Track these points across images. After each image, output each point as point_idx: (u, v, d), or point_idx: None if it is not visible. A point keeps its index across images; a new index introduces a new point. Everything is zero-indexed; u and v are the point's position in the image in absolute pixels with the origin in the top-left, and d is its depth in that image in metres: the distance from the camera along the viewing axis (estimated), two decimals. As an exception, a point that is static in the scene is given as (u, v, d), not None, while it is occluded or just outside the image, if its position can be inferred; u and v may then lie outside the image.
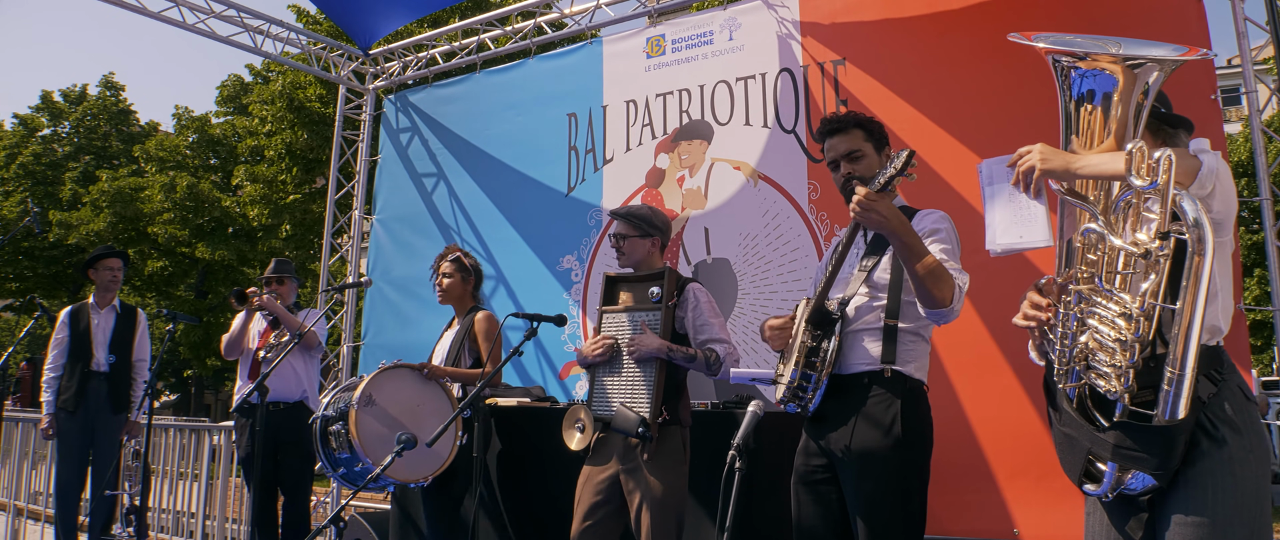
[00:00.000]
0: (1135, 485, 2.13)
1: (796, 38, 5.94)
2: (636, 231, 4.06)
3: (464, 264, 5.00)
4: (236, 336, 5.75)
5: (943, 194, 5.06)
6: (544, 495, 4.92)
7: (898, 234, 2.82)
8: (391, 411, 4.45)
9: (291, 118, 18.87)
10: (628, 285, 4.10)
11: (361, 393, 4.41)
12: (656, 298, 3.90)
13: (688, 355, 3.77)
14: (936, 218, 3.10)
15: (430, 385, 4.65)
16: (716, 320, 3.91)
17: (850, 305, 3.10)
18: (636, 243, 4.06)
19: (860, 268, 3.13)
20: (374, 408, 4.41)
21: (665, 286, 3.90)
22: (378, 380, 4.50)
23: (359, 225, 8.36)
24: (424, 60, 8.17)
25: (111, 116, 29.27)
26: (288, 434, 5.47)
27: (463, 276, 4.98)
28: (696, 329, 3.88)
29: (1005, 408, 4.83)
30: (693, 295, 3.92)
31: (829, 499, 3.07)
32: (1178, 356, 1.96)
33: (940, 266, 2.85)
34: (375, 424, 4.40)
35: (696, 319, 3.88)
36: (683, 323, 3.90)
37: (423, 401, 4.57)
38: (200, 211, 23.85)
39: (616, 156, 6.62)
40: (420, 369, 4.63)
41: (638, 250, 4.06)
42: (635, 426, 3.66)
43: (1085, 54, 2.17)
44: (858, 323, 3.09)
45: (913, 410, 3.00)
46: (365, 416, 4.38)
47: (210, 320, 25.94)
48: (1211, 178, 2.13)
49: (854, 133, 3.22)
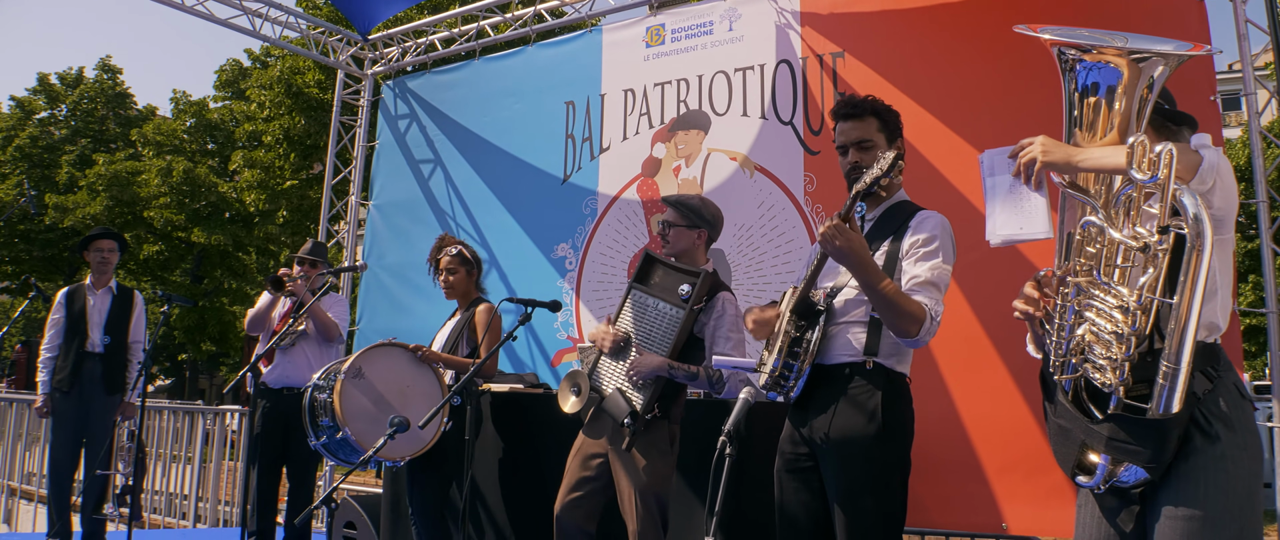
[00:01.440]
0: (1127, 478, 2.13)
1: (796, 29, 5.93)
2: (684, 221, 4.00)
3: (466, 257, 4.97)
4: (263, 313, 5.73)
5: (941, 188, 5.05)
6: (535, 481, 4.92)
7: (857, 269, 2.87)
8: (379, 388, 4.47)
9: (289, 103, 18.85)
10: (665, 271, 4.00)
11: (351, 364, 4.44)
12: (686, 296, 3.80)
13: (689, 374, 3.74)
14: (934, 224, 3.06)
15: (422, 368, 4.66)
16: (736, 336, 3.83)
17: (838, 297, 3.10)
18: (683, 233, 3.99)
19: None
20: (362, 381, 4.43)
21: (697, 289, 3.80)
22: (371, 355, 4.52)
23: (355, 211, 8.34)
24: (423, 46, 8.15)
25: (109, 100, 29.22)
26: (298, 419, 5.47)
27: (467, 270, 4.96)
28: (714, 341, 3.83)
29: (996, 402, 4.84)
30: (721, 305, 3.85)
31: (811, 486, 3.08)
32: (1173, 351, 1.96)
33: (899, 301, 2.87)
34: (361, 397, 4.43)
35: (717, 330, 3.83)
36: (703, 328, 3.85)
37: (412, 383, 4.59)
38: (197, 196, 23.85)
39: (613, 145, 6.61)
40: (414, 350, 4.63)
41: (682, 240, 4.00)
42: (624, 415, 3.70)
43: (1091, 47, 2.16)
44: (845, 316, 3.08)
45: (894, 402, 3.00)
46: (351, 388, 4.41)
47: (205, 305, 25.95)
48: (1212, 173, 2.13)
49: (869, 120, 3.18)
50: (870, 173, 2.89)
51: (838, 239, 2.82)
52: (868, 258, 2.88)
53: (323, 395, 4.45)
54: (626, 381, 3.81)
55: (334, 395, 4.35)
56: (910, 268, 2.98)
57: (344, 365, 4.46)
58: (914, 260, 2.99)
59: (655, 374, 3.73)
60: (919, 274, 2.95)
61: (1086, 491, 2.33)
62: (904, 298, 2.87)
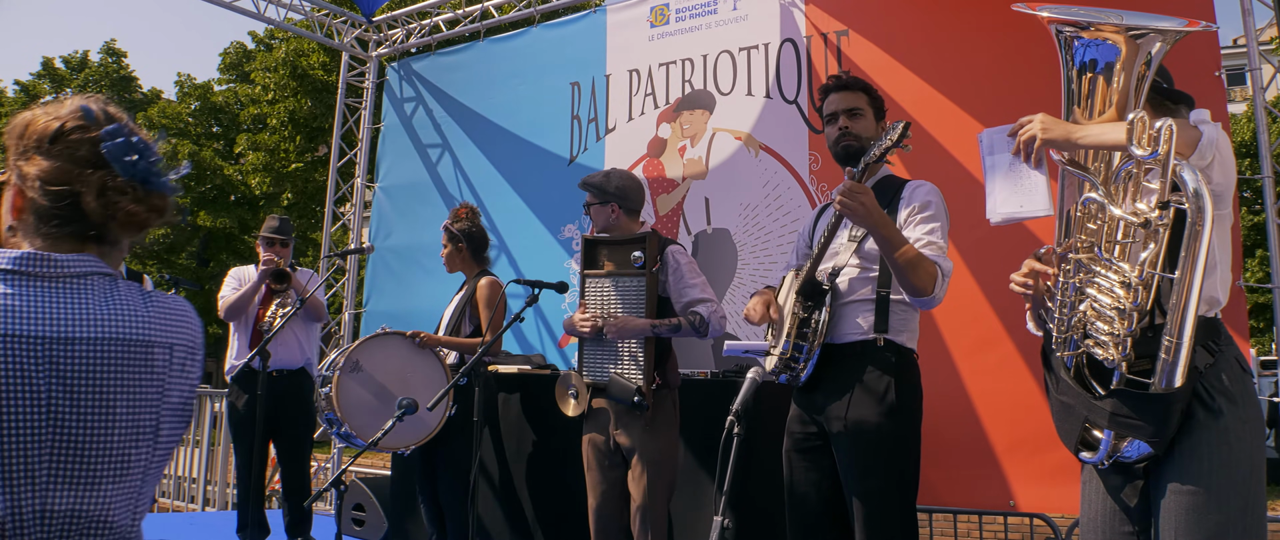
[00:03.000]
0: (1131, 453, 2.15)
1: (800, 7, 5.92)
2: (596, 198, 4.09)
3: (453, 232, 4.98)
4: (244, 302, 5.58)
5: (945, 164, 5.05)
6: (543, 460, 4.96)
7: (877, 228, 2.89)
8: (379, 379, 4.45)
9: (294, 86, 18.85)
10: (609, 249, 4.07)
11: (347, 358, 4.43)
12: (639, 263, 3.88)
13: (673, 326, 3.81)
14: (927, 191, 3.14)
15: (423, 353, 4.64)
16: (697, 280, 3.91)
17: (841, 276, 3.13)
18: (598, 209, 4.09)
19: (850, 237, 3.16)
20: (360, 373, 4.42)
21: (648, 251, 3.87)
22: (366, 347, 4.50)
23: (361, 193, 8.36)
24: (428, 27, 8.14)
25: (113, 84, 29.16)
26: (289, 401, 5.45)
27: (455, 245, 4.98)
28: (678, 292, 3.89)
29: (1004, 380, 4.85)
30: (672, 258, 3.92)
31: (822, 466, 3.11)
32: (1176, 325, 1.98)
33: (918, 257, 2.92)
34: (359, 389, 4.41)
35: (677, 282, 3.89)
36: (665, 287, 3.91)
37: (413, 369, 4.55)
38: (202, 179, 23.86)
39: (619, 125, 6.61)
40: (412, 337, 4.64)
41: (600, 217, 4.09)
42: (631, 395, 3.72)
43: (1088, 23, 2.17)
44: (850, 295, 3.13)
45: (906, 379, 3.06)
46: (348, 382, 4.40)
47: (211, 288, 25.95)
48: (1211, 148, 2.14)
49: (858, 93, 3.28)
50: (881, 143, 2.90)
51: (861, 197, 2.84)
52: (885, 217, 2.91)
53: (324, 390, 4.46)
54: (620, 361, 3.84)
55: (332, 390, 4.36)
56: (912, 232, 3.04)
57: (340, 359, 4.46)
58: (914, 226, 3.06)
59: (641, 335, 3.78)
60: (922, 236, 3.01)
61: (1090, 468, 2.35)
62: (922, 256, 2.93)
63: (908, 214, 3.09)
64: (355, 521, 5.95)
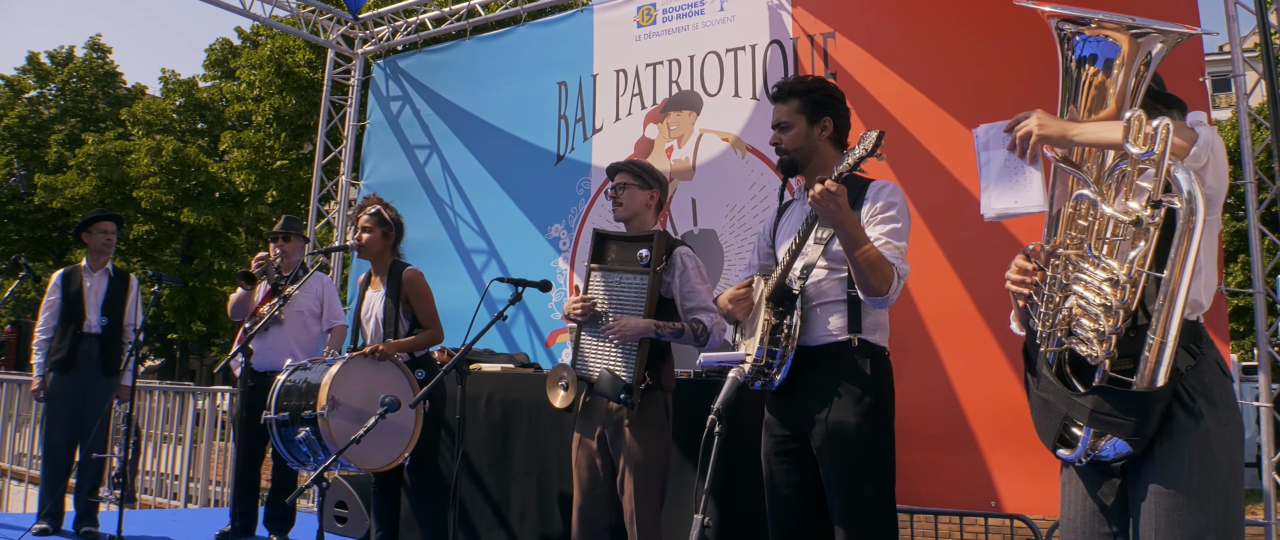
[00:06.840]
0: (1109, 452, 2.16)
1: (787, 9, 5.93)
2: (637, 181, 3.97)
3: (385, 218, 4.82)
4: (242, 302, 5.69)
5: (930, 166, 5.07)
6: (526, 458, 4.95)
7: (843, 226, 2.93)
8: (355, 405, 4.34)
9: (279, 83, 18.80)
10: (618, 243, 3.98)
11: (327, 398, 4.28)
12: (645, 260, 3.77)
13: (676, 330, 3.71)
14: (890, 192, 3.17)
15: (383, 365, 4.55)
16: (703, 287, 3.82)
17: (810, 278, 3.16)
18: (636, 193, 3.96)
19: (816, 239, 3.16)
20: (340, 408, 4.32)
21: (654, 249, 3.76)
22: (336, 381, 4.35)
23: (346, 191, 8.33)
24: (414, 25, 8.12)
25: (98, 79, 29.02)
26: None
27: (383, 232, 4.82)
28: (683, 296, 3.80)
29: (988, 379, 4.85)
30: (680, 260, 3.82)
31: (802, 467, 3.13)
32: (1161, 324, 1.98)
33: (880, 259, 2.97)
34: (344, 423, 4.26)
35: (683, 286, 3.80)
36: (669, 288, 3.81)
37: (381, 383, 4.45)
38: (186, 176, 23.77)
39: (606, 126, 6.61)
40: (372, 353, 4.52)
41: (636, 201, 3.96)
42: (617, 392, 3.63)
43: (1091, 20, 2.18)
44: (821, 297, 3.16)
45: (881, 378, 3.10)
46: (336, 422, 4.28)
47: (195, 285, 25.88)
48: (1207, 151, 2.14)
49: (790, 102, 3.31)
50: (853, 154, 2.93)
51: (836, 197, 2.87)
52: (856, 219, 2.99)
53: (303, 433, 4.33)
54: (613, 358, 3.75)
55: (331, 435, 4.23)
56: (871, 231, 3.07)
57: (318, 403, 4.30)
58: (874, 225, 3.09)
59: (642, 335, 3.68)
60: (880, 236, 3.05)
61: (1070, 469, 2.36)
62: (883, 257, 2.98)
63: (869, 213, 3.12)
64: (337, 519, 5.93)
